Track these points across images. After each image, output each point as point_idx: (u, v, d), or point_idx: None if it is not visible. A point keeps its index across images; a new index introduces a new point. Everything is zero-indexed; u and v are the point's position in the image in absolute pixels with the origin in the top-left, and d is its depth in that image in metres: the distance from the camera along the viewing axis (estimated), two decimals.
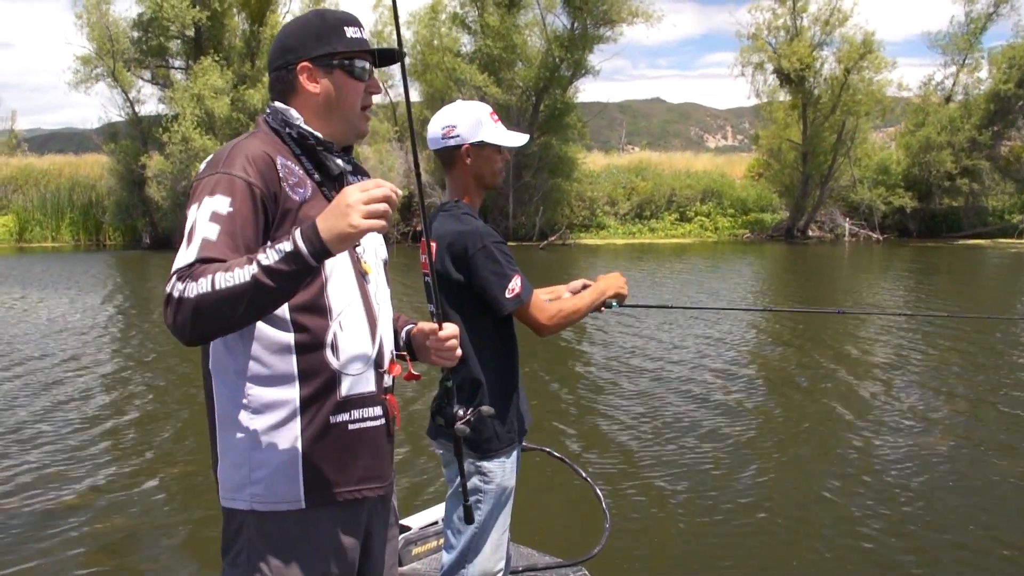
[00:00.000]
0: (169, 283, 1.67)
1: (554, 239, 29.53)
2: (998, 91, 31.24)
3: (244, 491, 1.89)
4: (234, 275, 1.64)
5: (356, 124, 2.04)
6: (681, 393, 8.33)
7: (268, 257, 1.65)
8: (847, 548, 4.78)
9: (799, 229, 32.29)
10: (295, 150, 1.96)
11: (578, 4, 29.11)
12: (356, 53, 2.00)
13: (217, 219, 1.75)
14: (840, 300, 15.07)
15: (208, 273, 1.65)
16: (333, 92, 1.99)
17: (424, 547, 3.73)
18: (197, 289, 1.63)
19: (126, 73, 28.52)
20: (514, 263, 2.67)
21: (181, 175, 26.60)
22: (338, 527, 1.96)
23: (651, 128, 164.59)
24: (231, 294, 1.63)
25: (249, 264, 1.65)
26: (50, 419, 7.52)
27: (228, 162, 1.82)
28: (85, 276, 20.15)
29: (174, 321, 1.66)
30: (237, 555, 1.92)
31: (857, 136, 31.40)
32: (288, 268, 1.66)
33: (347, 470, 1.95)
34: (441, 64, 28.88)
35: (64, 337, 11.68)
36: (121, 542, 4.98)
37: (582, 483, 3.81)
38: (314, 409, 1.89)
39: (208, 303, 1.63)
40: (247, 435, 1.88)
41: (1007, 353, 10.36)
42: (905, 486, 5.70)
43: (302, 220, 1.83)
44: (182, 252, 1.72)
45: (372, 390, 1.99)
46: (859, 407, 7.73)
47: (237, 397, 1.89)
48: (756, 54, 31.18)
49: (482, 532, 2.71)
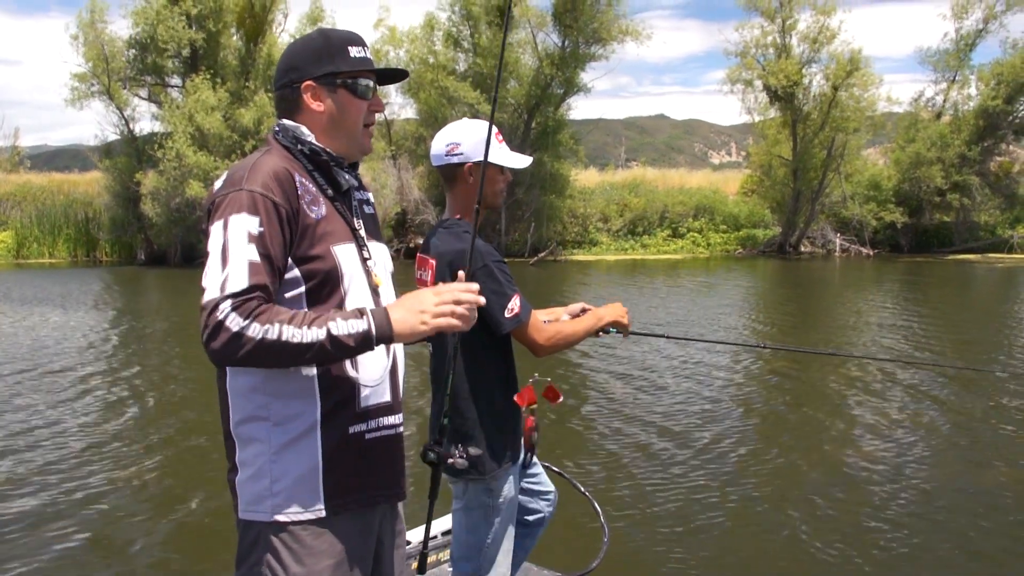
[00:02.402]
0: (219, 309, 1.72)
1: (544, 255, 29.69)
2: (986, 107, 31.41)
3: (265, 503, 1.93)
4: (302, 333, 1.73)
5: (360, 141, 2.08)
6: (678, 410, 8.39)
7: (339, 328, 1.76)
8: (846, 565, 4.83)
9: (791, 245, 32.42)
10: (308, 166, 2.00)
11: (568, 23, 29.41)
12: (360, 72, 2.04)
13: (252, 239, 1.79)
14: (825, 322, 15.19)
15: (276, 320, 1.73)
16: (336, 110, 2.03)
17: (432, 558, 3.72)
18: (263, 333, 1.71)
19: (121, 91, 28.85)
20: (514, 283, 2.70)
21: (175, 192, 26.83)
22: (355, 533, 2.00)
23: (655, 144, 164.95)
24: (295, 350, 1.73)
25: (319, 328, 1.75)
26: (49, 423, 7.82)
27: (251, 179, 1.85)
28: (79, 292, 20.37)
29: (223, 350, 1.72)
30: (253, 566, 1.94)
31: (847, 152, 31.59)
32: (354, 345, 1.78)
33: (365, 478, 2.00)
34: (435, 82, 29.17)
35: (59, 350, 11.86)
36: (123, 551, 5.04)
37: (580, 497, 3.85)
38: (334, 420, 1.94)
39: (268, 349, 1.72)
40: (268, 448, 1.92)
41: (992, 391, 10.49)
42: (908, 487, 5.89)
43: (319, 238, 1.91)
44: (217, 273, 1.76)
45: (388, 400, 2.05)
46: (854, 423, 7.81)
47: (258, 411, 1.92)
48: (746, 71, 31.42)
49: (494, 543, 2.77)
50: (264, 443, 1.92)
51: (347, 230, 2.00)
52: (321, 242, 1.90)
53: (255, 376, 1.91)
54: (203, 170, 26.44)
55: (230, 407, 1.96)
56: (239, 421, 1.95)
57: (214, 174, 26.56)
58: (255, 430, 1.93)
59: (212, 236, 1.82)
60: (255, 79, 28.49)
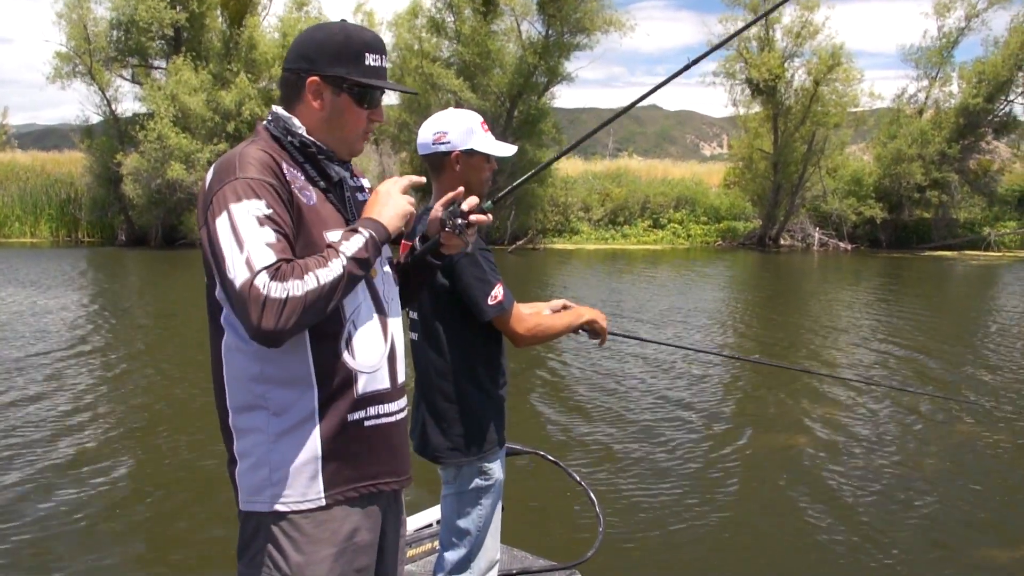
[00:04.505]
0: (258, 283, 1.70)
1: (523, 243, 29.84)
2: (967, 105, 31.58)
3: (265, 492, 1.91)
4: (329, 270, 1.76)
5: (352, 145, 2.05)
6: (674, 401, 8.45)
7: (349, 248, 1.82)
8: (839, 545, 4.98)
9: (771, 238, 32.61)
10: (298, 157, 1.98)
11: (552, 12, 29.46)
12: (369, 82, 1.98)
13: (264, 221, 1.78)
14: (795, 321, 15.38)
15: (308, 270, 1.75)
16: (335, 113, 1.99)
17: (419, 549, 3.76)
18: (305, 287, 1.72)
19: (103, 72, 28.83)
20: (497, 272, 2.74)
21: (156, 173, 26.87)
22: (357, 522, 1.98)
23: (648, 135, 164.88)
24: (332, 288, 1.76)
25: (336, 258, 1.79)
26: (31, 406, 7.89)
27: (243, 168, 1.83)
28: (56, 272, 20.44)
29: (277, 322, 1.70)
30: (255, 556, 1.93)
31: (828, 147, 31.76)
32: (368, 255, 1.85)
33: (365, 465, 1.98)
34: (419, 69, 29.20)
35: (38, 332, 11.98)
36: (119, 544, 5.03)
37: (576, 487, 3.84)
38: (332, 408, 1.92)
39: (315, 297, 1.73)
40: (266, 438, 1.90)
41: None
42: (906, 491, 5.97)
43: (314, 222, 1.90)
44: (239, 258, 1.73)
45: (387, 386, 2.02)
46: (846, 418, 7.88)
47: (255, 401, 1.91)
48: (728, 64, 31.55)
49: (484, 526, 2.80)
50: (262, 432, 1.91)
51: (339, 218, 1.99)
52: (313, 228, 1.90)
53: (252, 365, 1.90)
54: (184, 152, 26.48)
55: (227, 396, 1.95)
56: (237, 410, 1.94)
57: (195, 156, 26.61)
58: (253, 419, 1.92)
59: (219, 231, 1.77)
60: (237, 61, 28.47)
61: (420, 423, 2.82)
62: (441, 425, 2.76)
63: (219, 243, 1.77)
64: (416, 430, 2.83)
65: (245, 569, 1.95)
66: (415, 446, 2.82)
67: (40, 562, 4.74)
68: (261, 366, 1.89)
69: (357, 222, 1.93)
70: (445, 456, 2.76)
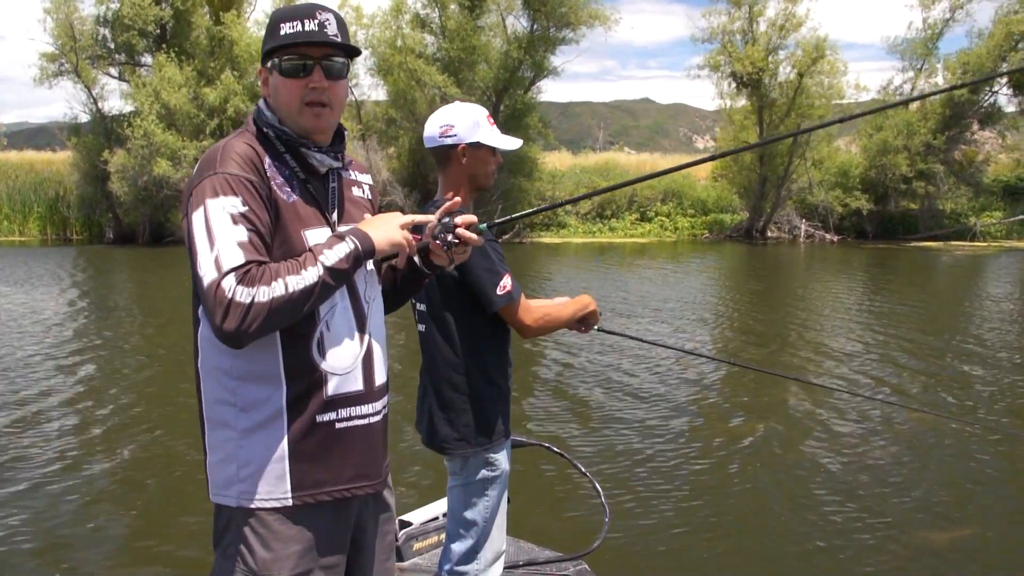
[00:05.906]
0: (224, 286, 1.70)
1: (510, 236, 29.95)
2: (952, 96, 31.72)
3: (232, 488, 1.92)
4: (302, 277, 1.75)
5: (298, 121, 1.97)
6: (675, 394, 8.43)
7: (330, 258, 1.80)
8: (844, 537, 4.95)
9: (758, 230, 32.76)
10: (279, 148, 1.96)
11: (537, 7, 29.52)
12: (286, 49, 1.94)
13: (238, 219, 1.78)
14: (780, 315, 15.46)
15: (278, 276, 1.74)
16: (275, 93, 1.99)
17: (425, 542, 3.79)
18: (271, 293, 1.72)
19: (90, 69, 28.85)
20: (505, 263, 2.75)
21: (142, 170, 26.93)
22: (326, 523, 1.96)
23: (640, 128, 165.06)
24: (302, 296, 1.75)
25: (313, 265, 1.78)
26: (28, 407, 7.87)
27: (223, 163, 1.84)
28: (41, 271, 20.50)
29: (240, 325, 1.70)
30: (227, 547, 1.94)
31: (812, 139, 31.88)
32: (348, 266, 1.82)
33: (336, 468, 1.96)
34: (403, 65, 29.25)
35: (27, 331, 11.99)
36: (105, 533, 5.05)
37: (581, 478, 3.89)
38: (300, 408, 1.90)
39: (280, 308, 1.73)
40: (235, 433, 1.91)
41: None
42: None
43: (292, 219, 1.89)
44: (208, 255, 1.74)
45: (360, 388, 1.99)
46: (846, 416, 7.76)
47: (225, 395, 1.91)
48: (712, 57, 31.66)
49: (491, 517, 2.82)
50: (232, 428, 1.91)
51: (319, 216, 1.97)
52: (291, 226, 1.88)
53: (223, 360, 1.90)
54: (170, 149, 26.53)
55: (202, 389, 1.97)
56: (209, 402, 1.95)
57: (181, 153, 26.66)
58: (223, 414, 1.92)
59: (195, 225, 1.79)
60: (220, 58, 28.50)
61: (427, 414, 2.85)
62: (449, 415, 2.78)
63: (194, 238, 1.78)
64: (423, 421, 2.86)
65: (220, 559, 1.98)
66: (423, 438, 2.87)
67: (42, 562, 4.72)
68: (232, 361, 1.89)
69: (347, 230, 1.90)
70: (452, 446, 2.77)
